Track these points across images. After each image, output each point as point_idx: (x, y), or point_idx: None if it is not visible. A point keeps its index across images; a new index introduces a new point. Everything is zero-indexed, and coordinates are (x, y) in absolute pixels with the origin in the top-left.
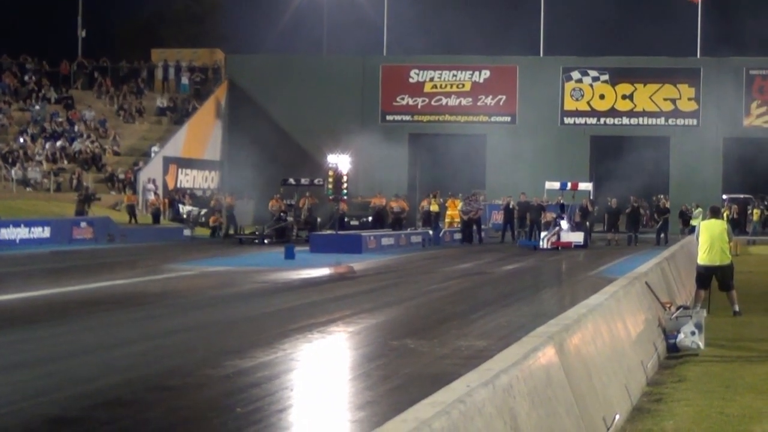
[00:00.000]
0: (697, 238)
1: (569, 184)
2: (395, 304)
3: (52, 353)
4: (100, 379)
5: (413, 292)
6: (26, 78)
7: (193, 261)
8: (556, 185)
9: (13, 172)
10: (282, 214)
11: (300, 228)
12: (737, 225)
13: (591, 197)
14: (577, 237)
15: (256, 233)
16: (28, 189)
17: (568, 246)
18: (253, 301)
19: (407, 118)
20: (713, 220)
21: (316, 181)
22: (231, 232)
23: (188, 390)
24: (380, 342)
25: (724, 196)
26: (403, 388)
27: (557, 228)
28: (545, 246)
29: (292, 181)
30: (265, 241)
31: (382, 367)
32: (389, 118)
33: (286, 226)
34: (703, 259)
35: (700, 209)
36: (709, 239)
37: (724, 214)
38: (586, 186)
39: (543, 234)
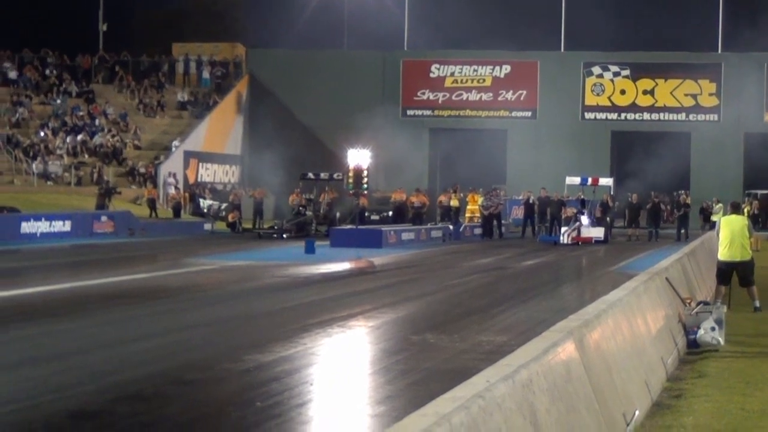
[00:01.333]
0: (718, 234)
1: (590, 180)
2: (415, 299)
3: (73, 347)
4: (120, 373)
5: (433, 286)
6: (47, 72)
7: (213, 255)
8: (577, 180)
9: (34, 165)
10: (301, 208)
11: (319, 222)
12: (758, 220)
13: (611, 192)
14: (598, 232)
15: (275, 227)
16: (49, 183)
17: (588, 241)
18: (273, 295)
19: (428, 112)
20: (734, 216)
21: (335, 176)
22: (260, 226)
23: (208, 384)
24: (400, 337)
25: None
26: (422, 383)
27: (577, 223)
28: (565, 241)
29: (311, 175)
30: (284, 235)
31: (402, 361)
32: (410, 112)
33: (305, 220)
34: (723, 254)
35: (720, 205)
36: (730, 235)
37: (745, 210)
38: (606, 181)
39: (563, 229)
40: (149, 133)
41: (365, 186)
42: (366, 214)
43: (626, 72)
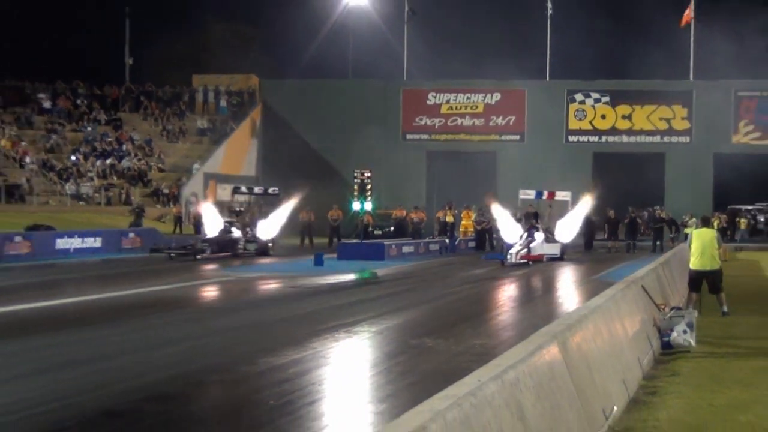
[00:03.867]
0: (690, 246)
1: (545, 194)
2: (414, 306)
3: (103, 353)
4: (147, 375)
5: (431, 295)
6: (79, 102)
7: (230, 268)
8: (532, 194)
9: (67, 187)
10: (227, 224)
11: (248, 240)
12: (726, 233)
13: (570, 206)
14: (552, 249)
15: (188, 247)
16: (81, 203)
17: (538, 259)
18: (285, 304)
19: (425, 137)
20: (704, 229)
21: (270, 191)
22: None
23: (227, 385)
24: (400, 341)
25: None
26: (420, 383)
27: (530, 239)
28: (513, 260)
29: (244, 189)
30: (198, 257)
31: (402, 363)
32: (409, 137)
33: (230, 238)
34: (694, 264)
35: (694, 219)
36: (701, 246)
37: (714, 224)
38: (564, 195)
39: (513, 247)
40: (172, 157)
41: (376, 206)
42: (370, 229)
43: (606, 99)
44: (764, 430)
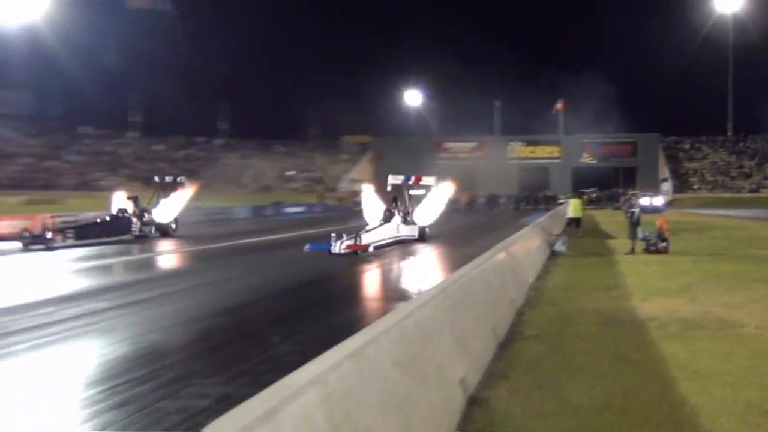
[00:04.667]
0: (567, 207)
1: (413, 178)
2: (422, 247)
3: (269, 265)
4: (286, 280)
5: (442, 230)
6: (296, 148)
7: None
8: (400, 179)
9: (290, 185)
10: (119, 210)
11: (144, 223)
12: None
13: (434, 185)
14: (411, 231)
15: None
16: (294, 192)
17: (365, 249)
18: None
19: (445, 162)
20: (575, 198)
21: (178, 179)
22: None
23: (320, 285)
24: (421, 253)
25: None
26: (435, 273)
27: (370, 227)
28: (337, 250)
29: (156, 179)
30: (48, 246)
31: (414, 270)
32: (438, 162)
33: (122, 222)
34: (570, 214)
35: (568, 195)
36: (573, 206)
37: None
38: (428, 180)
39: (341, 239)
40: (334, 172)
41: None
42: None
43: (524, 143)
44: (596, 289)
